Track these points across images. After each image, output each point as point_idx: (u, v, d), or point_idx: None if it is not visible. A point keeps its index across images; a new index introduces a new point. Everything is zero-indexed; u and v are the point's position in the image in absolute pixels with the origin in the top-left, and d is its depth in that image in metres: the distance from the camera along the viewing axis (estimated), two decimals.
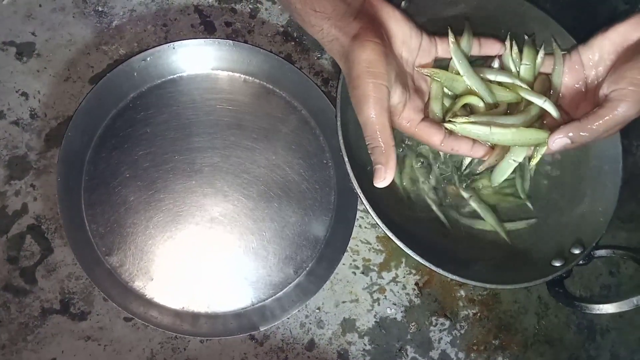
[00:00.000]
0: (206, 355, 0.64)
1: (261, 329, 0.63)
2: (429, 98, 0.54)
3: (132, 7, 0.69)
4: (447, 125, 0.51)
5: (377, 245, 0.69)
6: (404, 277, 0.69)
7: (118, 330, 0.63)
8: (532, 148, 0.52)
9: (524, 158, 0.53)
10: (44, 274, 0.62)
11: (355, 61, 0.46)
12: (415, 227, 0.62)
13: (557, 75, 0.55)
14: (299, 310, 0.65)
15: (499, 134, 0.51)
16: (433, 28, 0.55)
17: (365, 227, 0.70)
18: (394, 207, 0.61)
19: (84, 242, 0.62)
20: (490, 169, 0.55)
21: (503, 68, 0.56)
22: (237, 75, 0.69)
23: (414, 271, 0.70)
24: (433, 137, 0.51)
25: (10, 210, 0.63)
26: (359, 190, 0.56)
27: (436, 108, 0.53)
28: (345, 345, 0.67)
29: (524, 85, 0.54)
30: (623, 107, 0.47)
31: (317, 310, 0.67)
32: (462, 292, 0.70)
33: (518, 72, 0.56)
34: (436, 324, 0.69)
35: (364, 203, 0.56)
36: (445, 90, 0.55)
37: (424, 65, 0.53)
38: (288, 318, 0.65)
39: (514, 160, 0.53)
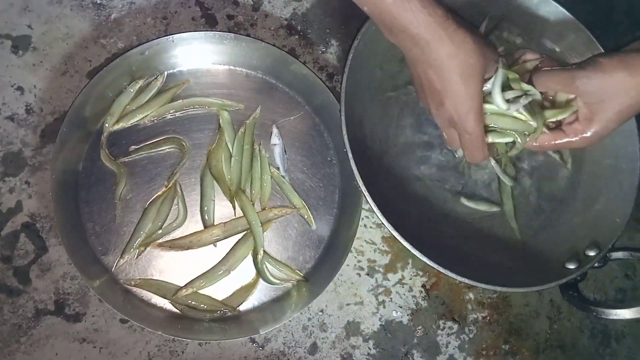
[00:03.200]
0: (205, 358, 0.62)
1: (262, 332, 0.61)
2: None
3: (132, 0, 0.67)
4: None
5: (383, 246, 0.67)
6: (411, 279, 0.67)
7: (114, 333, 0.61)
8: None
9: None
10: (38, 274, 0.61)
11: None
12: (422, 227, 0.60)
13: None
14: (301, 313, 0.64)
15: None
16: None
17: (371, 227, 0.67)
18: (400, 206, 0.60)
19: (80, 241, 0.60)
20: None
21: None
22: (239, 69, 0.67)
23: (420, 273, 0.67)
24: None
25: (4, 208, 0.61)
26: (363, 189, 0.54)
27: None
28: (349, 349, 0.65)
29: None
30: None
31: (320, 313, 0.65)
32: (471, 295, 0.68)
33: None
34: (444, 328, 0.67)
35: (368, 202, 0.54)
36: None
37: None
38: (290, 321, 0.64)
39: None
